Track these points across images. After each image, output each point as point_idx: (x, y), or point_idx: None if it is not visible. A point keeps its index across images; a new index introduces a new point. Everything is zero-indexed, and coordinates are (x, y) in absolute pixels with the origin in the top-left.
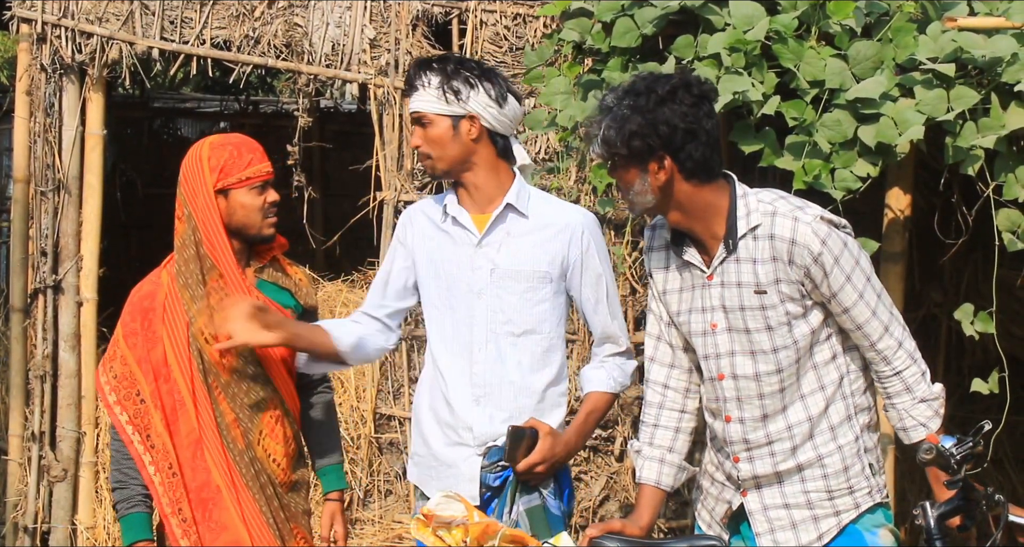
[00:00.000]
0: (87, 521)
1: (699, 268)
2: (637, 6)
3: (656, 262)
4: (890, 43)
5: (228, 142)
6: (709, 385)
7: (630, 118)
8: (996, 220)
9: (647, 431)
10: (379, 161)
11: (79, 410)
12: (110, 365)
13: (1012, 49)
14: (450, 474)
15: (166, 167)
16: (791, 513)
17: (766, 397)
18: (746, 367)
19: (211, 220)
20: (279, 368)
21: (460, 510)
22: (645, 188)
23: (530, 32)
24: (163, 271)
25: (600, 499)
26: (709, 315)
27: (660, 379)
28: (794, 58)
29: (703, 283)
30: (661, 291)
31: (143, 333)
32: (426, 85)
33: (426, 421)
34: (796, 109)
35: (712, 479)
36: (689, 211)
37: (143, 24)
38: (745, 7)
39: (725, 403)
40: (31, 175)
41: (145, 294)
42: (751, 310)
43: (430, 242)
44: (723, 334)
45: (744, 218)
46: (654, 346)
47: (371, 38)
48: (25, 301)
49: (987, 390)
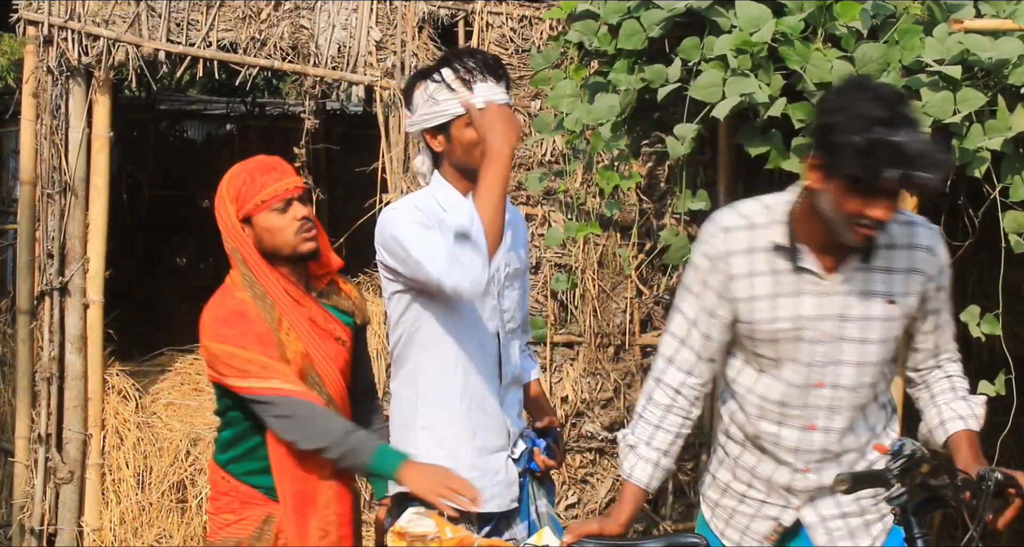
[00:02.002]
0: (93, 523)
1: (816, 275)
2: (643, 8)
3: (740, 266)
4: (896, 45)
5: (243, 169)
6: (797, 392)
7: (938, 143)
8: (1003, 222)
9: (647, 429)
10: (385, 163)
11: (85, 412)
12: (247, 368)
13: (1018, 51)
14: (490, 482)
15: (172, 169)
16: (848, 522)
17: (856, 409)
18: (850, 377)
19: (251, 253)
20: (340, 387)
21: (431, 526)
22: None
23: (536, 34)
24: (235, 293)
25: (606, 501)
26: (823, 323)
27: (674, 383)
28: (800, 60)
29: (818, 290)
30: (746, 297)
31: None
32: (500, 78)
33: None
34: (802, 111)
35: (742, 497)
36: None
37: (149, 26)
38: (751, 9)
39: (815, 411)
40: (37, 177)
41: (232, 309)
42: (876, 320)
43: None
44: (835, 343)
45: None
46: (676, 349)
47: (377, 40)
48: (31, 303)
49: (994, 392)
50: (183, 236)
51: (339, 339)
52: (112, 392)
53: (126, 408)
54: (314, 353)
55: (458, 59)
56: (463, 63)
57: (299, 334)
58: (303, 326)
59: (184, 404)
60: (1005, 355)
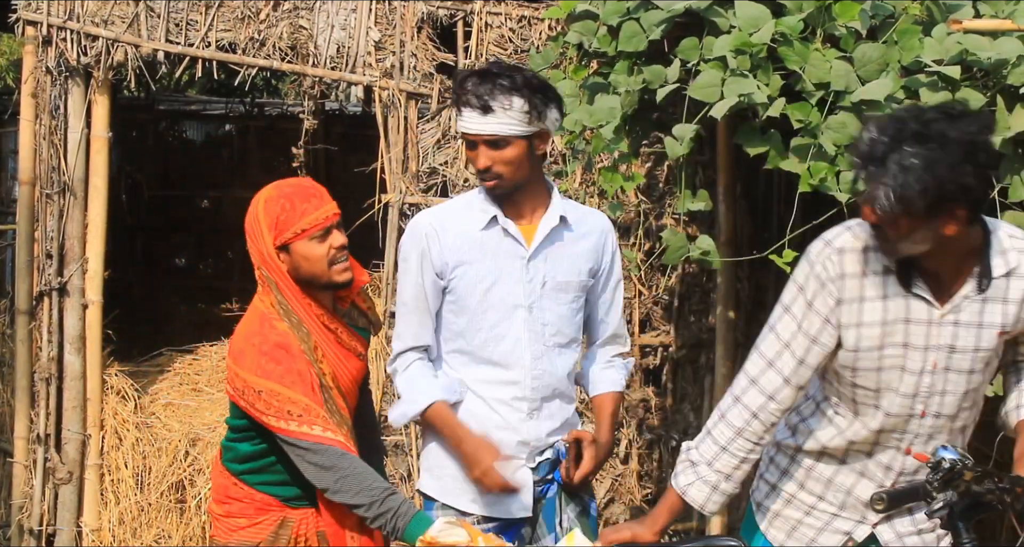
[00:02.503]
0: (92, 523)
1: (928, 302)
2: (643, 9)
3: (852, 291)
4: (895, 45)
5: (281, 194)
6: (898, 420)
7: (933, 172)
8: None
9: (712, 449)
10: (384, 163)
11: (84, 412)
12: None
13: (1017, 51)
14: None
15: (171, 169)
16: (923, 538)
17: (952, 433)
18: (952, 406)
19: (287, 282)
20: (353, 402)
21: (463, 535)
22: (927, 238)
23: (535, 35)
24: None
25: (605, 501)
26: (932, 353)
27: (752, 406)
28: (799, 60)
29: (930, 318)
30: (854, 323)
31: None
32: (508, 107)
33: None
34: (801, 111)
35: (810, 509)
36: (953, 253)
37: (148, 26)
38: (751, 9)
39: (914, 438)
40: (36, 177)
41: (276, 343)
42: (985, 351)
43: (468, 256)
44: (941, 374)
45: (1001, 255)
46: (762, 369)
47: (376, 40)
48: (30, 303)
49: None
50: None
51: (360, 355)
52: (111, 392)
53: (125, 408)
54: (341, 375)
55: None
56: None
57: (329, 359)
58: (332, 349)
59: (183, 404)
60: None
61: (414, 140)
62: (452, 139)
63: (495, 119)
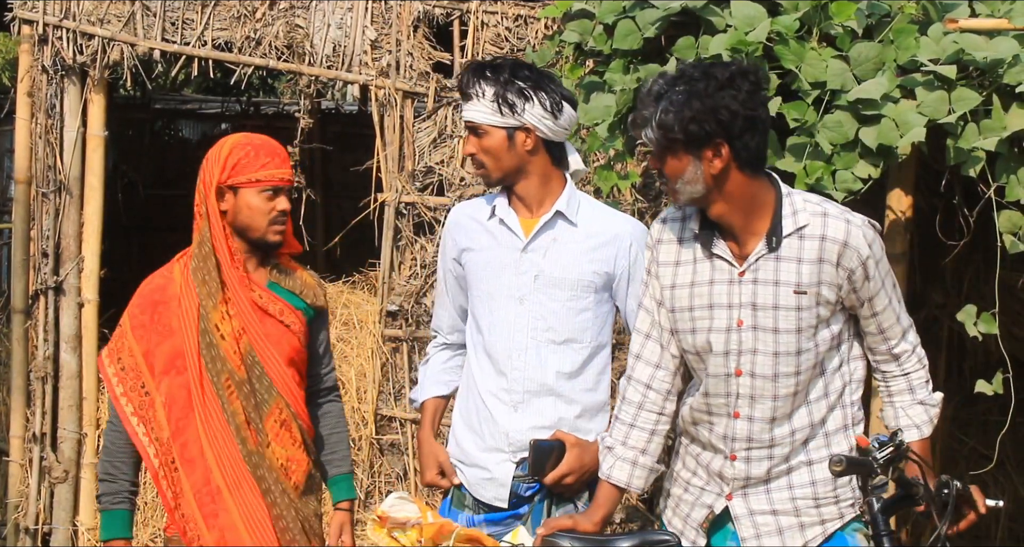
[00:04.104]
0: (88, 522)
1: (728, 262)
2: (638, 8)
3: (666, 255)
4: (891, 44)
5: (249, 142)
6: (718, 381)
7: (689, 102)
8: (997, 222)
9: (622, 429)
10: (380, 162)
11: (80, 411)
12: (117, 356)
13: (1013, 51)
14: (482, 474)
15: (167, 168)
16: (778, 519)
17: (779, 399)
18: (766, 367)
19: (215, 216)
20: (283, 372)
21: (414, 511)
22: (697, 176)
23: (531, 34)
24: (176, 265)
25: None
26: (736, 311)
27: (643, 379)
28: (795, 59)
29: (731, 278)
30: (669, 285)
31: (152, 326)
32: (480, 95)
33: (458, 425)
34: (797, 110)
35: (687, 485)
36: (736, 203)
37: (144, 25)
38: (746, 8)
39: (736, 399)
40: (32, 176)
41: (156, 287)
42: (785, 310)
43: (475, 243)
44: (748, 331)
45: (791, 216)
46: (642, 344)
47: (372, 39)
48: (26, 302)
49: (991, 391)
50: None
51: (285, 323)
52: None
53: None
54: (252, 332)
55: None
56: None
57: (239, 310)
58: (243, 304)
59: None
60: (1002, 354)
61: (410, 139)
62: (448, 138)
63: (472, 106)
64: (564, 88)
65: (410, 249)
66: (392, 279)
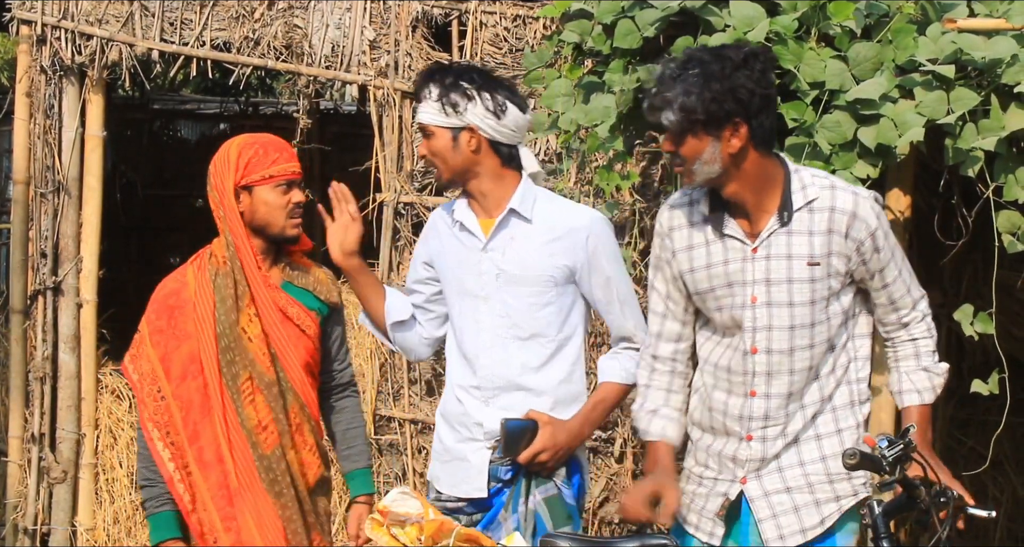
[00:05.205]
0: (87, 523)
1: (741, 241)
2: (638, 7)
3: (680, 242)
4: (890, 44)
5: (256, 140)
6: (734, 359)
7: (708, 84)
8: (996, 222)
9: (660, 395)
10: (379, 162)
11: (79, 412)
12: (138, 363)
13: (1012, 51)
14: (461, 467)
15: (166, 169)
16: (793, 497)
17: (796, 373)
18: (782, 341)
19: (235, 218)
20: (300, 375)
21: (416, 507)
22: (715, 156)
23: (530, 34)
24: (189, 268)
25: (600, 500)
26: (750, 288)
27: (668, 354)
28: (794, 59)
29: (744, 256)
30: (688, 269)
31: (169, 330)
32: (428, 97)
33: (439, 421)
34: (796, 110)
35: (700, 479)
36: (750, 181)
37: (143, 26)
38: (745, 8)
39: (753, 378)
40: (31, 177)
41: (170, 292)
42: (799, 282)
43: (444, 246)
44: (762, 308)
45: (800, 191)
46: (660, 323)
47: (371, 39)
48: (25, 303)
49: (987, 391)
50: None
51: (301, 327)
52: (106, 392)
53: (120, 407)
54: (275, 334)
55: None
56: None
57: (263, 314)
58: (268, 306)
59: None
60: (999, 354)
61: (409, 139)
62: None
63: (421, 108)
64: (516, 94)
65: (409, 249)
66: (391, 279)
